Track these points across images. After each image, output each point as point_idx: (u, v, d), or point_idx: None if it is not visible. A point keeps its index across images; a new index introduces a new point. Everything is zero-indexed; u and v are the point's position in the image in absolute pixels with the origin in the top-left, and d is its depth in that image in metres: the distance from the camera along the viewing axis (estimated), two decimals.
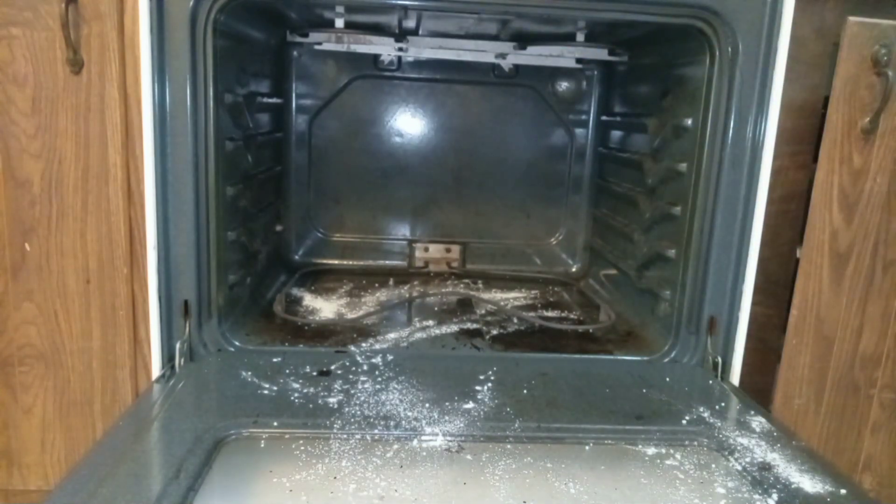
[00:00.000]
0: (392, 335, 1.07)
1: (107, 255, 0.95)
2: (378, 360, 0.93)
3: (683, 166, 1.04)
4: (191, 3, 0.85)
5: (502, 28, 1.30)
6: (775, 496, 0.65)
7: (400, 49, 1.37)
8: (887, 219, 1.01)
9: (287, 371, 0.88)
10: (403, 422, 0.75)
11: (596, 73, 1.47)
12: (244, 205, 1.15)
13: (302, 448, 0.70)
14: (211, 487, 0.63)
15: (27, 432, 1.00)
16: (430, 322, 1.14)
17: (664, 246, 1.10)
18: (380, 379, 0.87)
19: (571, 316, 1.23)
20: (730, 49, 0.91)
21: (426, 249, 1.52)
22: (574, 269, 1.55)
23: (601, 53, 1.32)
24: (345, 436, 0.72)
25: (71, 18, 0.87)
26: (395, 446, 0.71)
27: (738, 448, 0.74)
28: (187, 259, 0.92)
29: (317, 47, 1.36)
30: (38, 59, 0.89)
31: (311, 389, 0.83)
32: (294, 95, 1.43)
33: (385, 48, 1.37)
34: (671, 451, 0.74)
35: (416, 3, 1.00)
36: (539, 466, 0.69)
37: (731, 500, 0.65)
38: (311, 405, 0.79)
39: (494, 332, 1.12)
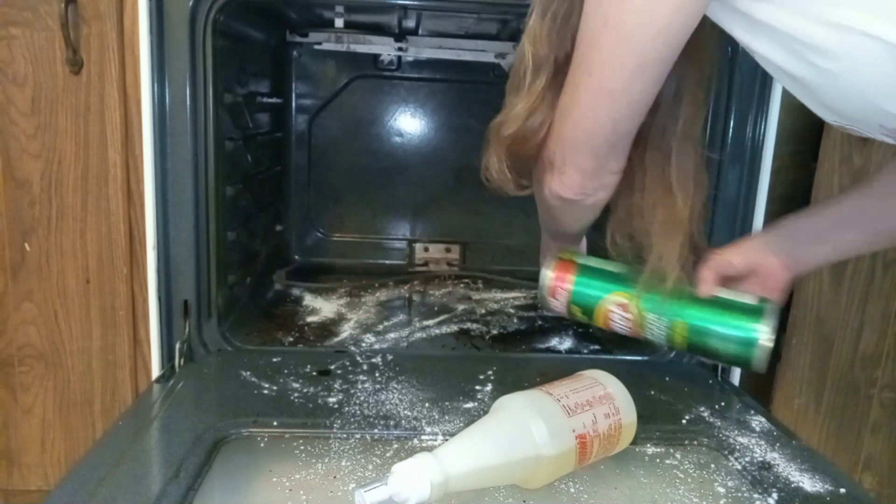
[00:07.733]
0: (392, 335, 1.06)
1: (106, 256, 0.95)
2: (378, 359, 0.93)
3: None
4: (190, 3, 0.85)
5: (502, 28, 1.30)
6: (775, 495, 0.65)
7: (400, 49, 1.37)
8: None
9: (287, 371, 0.88)
10: (403, 421, 0.75)
11: None
12: (244, 205, 1.15)
13: (302, 447, 0.70)
14: (211, 487, 0.63)
15: (27, 432, 1.00)
16: (430, 322, 1.14)
17: None
18: (379, 378, 0.87)
19: None
20: (729, 48, 0.91)
21: (426, 249, 1.52)
22: None
23: None
24: (344, 435, 0.72)
25: (70, 18, 0.87)
26: (395, 446, 0.71)
27: (738, 447, 0.74)
28: (187, 259, 0.92)
29: (316, 47, 1.36)
30: (38, 59, 0.89)
31: (311, 389, 0.83)
32: (294, 95, 1.43)
33: (385, 48, 1.37)
34: (671, 450, 0.74)
35: (416, 2, 1.00)
36: None
37: (731, 500, 0.65)
38: (310, 405, 0.79)
39: (494, 331, 1.12)
